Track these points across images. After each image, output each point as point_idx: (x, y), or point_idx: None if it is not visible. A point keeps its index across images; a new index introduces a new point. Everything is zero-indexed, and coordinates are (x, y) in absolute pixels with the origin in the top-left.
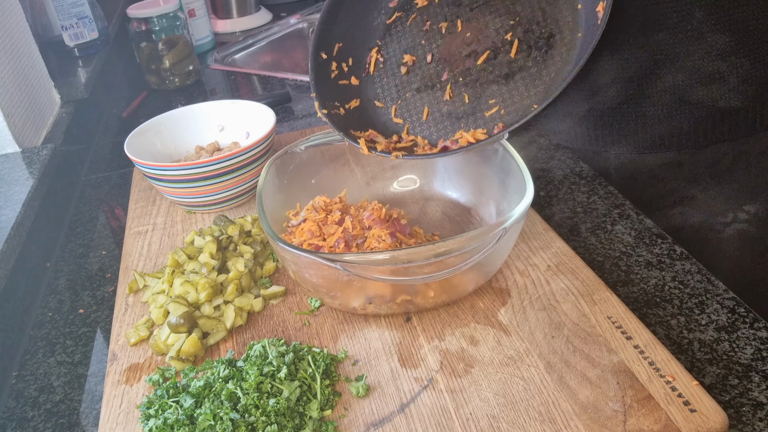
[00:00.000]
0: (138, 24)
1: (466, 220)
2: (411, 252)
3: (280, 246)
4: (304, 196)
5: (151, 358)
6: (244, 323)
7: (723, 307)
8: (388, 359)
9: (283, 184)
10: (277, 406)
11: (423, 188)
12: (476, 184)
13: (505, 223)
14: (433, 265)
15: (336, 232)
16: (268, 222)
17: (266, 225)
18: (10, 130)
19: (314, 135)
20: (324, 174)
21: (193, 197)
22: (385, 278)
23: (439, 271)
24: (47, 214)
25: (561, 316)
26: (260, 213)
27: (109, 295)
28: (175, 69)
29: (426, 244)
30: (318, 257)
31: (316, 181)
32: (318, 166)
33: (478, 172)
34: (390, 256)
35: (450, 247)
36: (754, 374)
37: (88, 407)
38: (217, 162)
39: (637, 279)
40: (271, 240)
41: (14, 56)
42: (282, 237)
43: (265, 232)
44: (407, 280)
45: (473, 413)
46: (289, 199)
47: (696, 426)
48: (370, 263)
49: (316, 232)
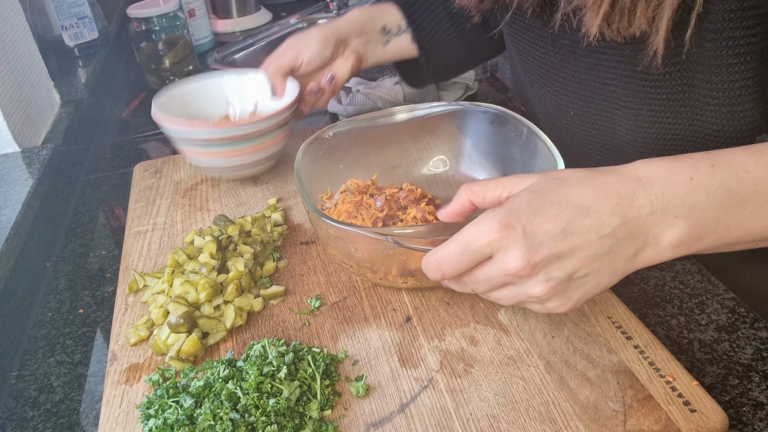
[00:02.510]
0: (138, 24)
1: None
2: (453, 225)
3: (329, 223)
4: (333, 180)
5: (151, 358)
6: (244, 323)
7: (723, 307)
8: (388, 359)
9: (315, 168)
10: (277, 406)
11: (449, 171)
12: (503, 165)
13: None
14: None
15: (375, 211)
16: (311, 200)
17: (310, 203)
18: (9, 130)
19: (341, 122)
20: (351, 159)
21: (224, 160)
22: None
23: None
24: (47, 214)
25: (561, 316)
26: (302, 193)
27: (109, 295)
28: (175, 69)
29: (470, 218)
30: (368, 231)
31: (344, 166)
32: (345, 151)
33: (504, 154)
34: (435, 227)
35: None
36: (754, 374)
37: (88, 407)
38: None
39: (637, 279)
40: (319, 219)
41: (14, 56)
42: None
43: (311, 211)
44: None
45: (473, 413)
46: (321, 183)
47: (696, 426)
48: (417, 236)
49: (353, 213)
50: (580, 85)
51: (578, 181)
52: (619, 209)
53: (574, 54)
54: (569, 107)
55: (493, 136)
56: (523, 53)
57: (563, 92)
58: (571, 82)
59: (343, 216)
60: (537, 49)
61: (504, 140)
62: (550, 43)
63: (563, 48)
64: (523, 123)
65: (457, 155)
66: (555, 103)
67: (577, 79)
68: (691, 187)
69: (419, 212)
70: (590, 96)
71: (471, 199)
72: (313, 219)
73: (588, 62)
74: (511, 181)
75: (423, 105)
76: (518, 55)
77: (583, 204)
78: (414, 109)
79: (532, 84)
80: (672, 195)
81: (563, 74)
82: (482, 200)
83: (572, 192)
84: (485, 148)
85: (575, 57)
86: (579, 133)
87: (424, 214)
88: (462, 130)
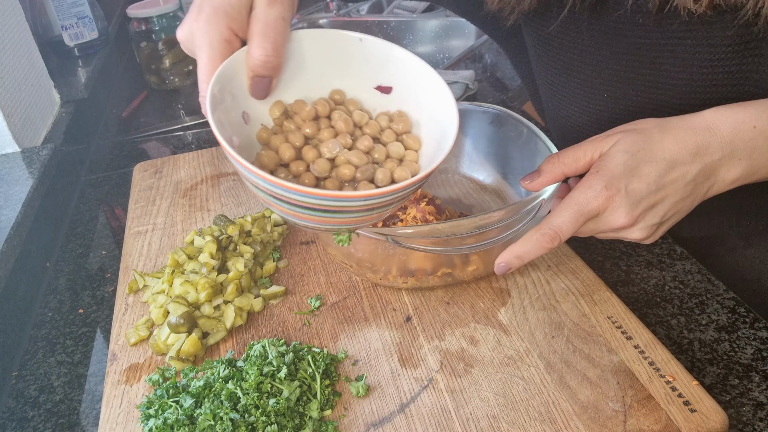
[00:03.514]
0: (138, 24)
1: (493, 201)
2: (454, 225)
3: None
4: None
5: (151, 358)
6: (244, 323)
7: (723, 307)
8: (388, 359)
9: None
10: (277, 406)
11: (449, 171)
12: (503, 165)
13: (543, 195)
14: (474, 237)
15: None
16: None
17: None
18: (9, 130)
19: None
20: None
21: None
22: (430, 248)
23: (478, 242)
24: (47, 214)
25: (561, 316)
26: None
27: (109, 295)
28: (175, 69)
29: (469, 217)
30: (368, 231)
31: None
32: None
33: (504, 154)
34: (434, 228)
35: (491, 220)
36: (754, 374)
37: (88, 407)
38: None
39: (637, 279)
40: None
41: (14, 56)
42: None
43: None
44: (451, 251)
45: (473, 413)
46: None
47: (696, 426)
48: (417, 236)
49: None
50: (619, 65)
51: (661, 134)
52: (698, 158)
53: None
54: (603, 89)
55: (493, 136)
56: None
57: (596, 75)
58: (609, 64)
59: None
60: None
61: (504, 140)
62: (586, 27)
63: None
64: (522, 123)
65: (457, 155)
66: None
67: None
68: (754, 134)
69: (419, 212)
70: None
71: (564, 171)
72: None
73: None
74: (597, 144)
75: None
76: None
77: (669, 158)
78: None
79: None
80: (738, 141)
81: (600, 57)
82: (575, 169)
83: (659, 147)
84: (485, 147)
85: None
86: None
87: (424, 214)
88: (462, 130)
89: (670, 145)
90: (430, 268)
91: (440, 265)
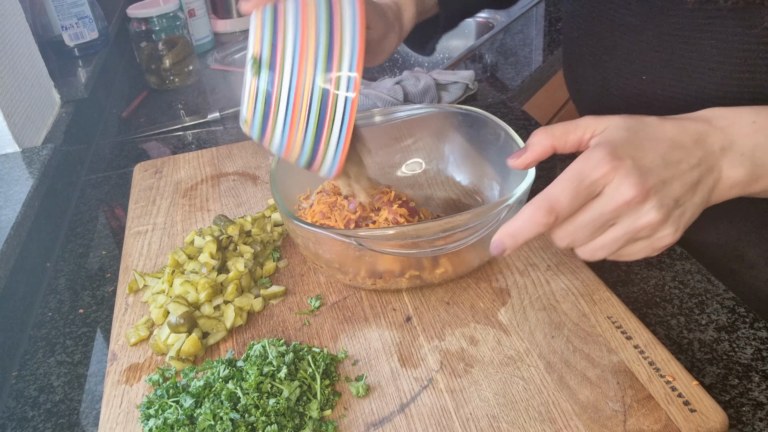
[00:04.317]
0: (138, 24)
1: (471, 203)
2: (419, 228)
3: (296, 224)
4: (312, 180)
5: (151, 358)
6: (244, 323)
7: (723, 307)
8: (388, 359)
9: (293, 169)
10: (277, 406)
11: (428, 173)
12: (480, 167)
13: (509, 201)
14: (440, 240)
15: (347, 213)
16: (283, 203)
17: (281, 205)
18: (10, 130)
19: None
20: None
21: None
22: (395, 251)
23: (446, 244)
24: (47, 214)
25: (561, 316)
26: (275, 195)
27: (109, 295)
28: (175, 69)
29: (434, 220)
30: (332, 233)
31: None
32: None
33: (482, 156)
34: (400, 230)
35: (456, 223)
36: (754, 374)
37: (88, 407)
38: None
39: (637, 279)
40: (287, 219)
41: (14, 56)
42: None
43: (281, 212)
44: (416, 253)
45: (473, 413)
46: (301, 183)
47: (696, 426)
48: (382, 238)
49: (327, 213)
50: (661, 45)
51: (659, 121)
52: (698, 145)
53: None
54: (643, 70)
55: (471, 138)
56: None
57: (639, 55)
58: (651, 44)
59: (317, 217)
60: (616, 13)
61: (482, 143)
62: (635, 5)
63: (649, 9)
64: (500, 126)
65: (436, 157)
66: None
67: (659, 40)
68: (753, 129)
69: (391, 214)
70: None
71: (553, 144)
72: (283, 218)
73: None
74: (591, 123)
75: (402, 107)
76: (586, 23)
77: (672, 138)
78: (393, 111)
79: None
80: (738, 134)
81: (644, 37)
82: (564, 143)
83: (659, 129)
84: (463, 150)
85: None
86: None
87: (395, 217)
88: (440, 132)
89: (669, 127)
90: (398, 270)
91: (408, 267)
